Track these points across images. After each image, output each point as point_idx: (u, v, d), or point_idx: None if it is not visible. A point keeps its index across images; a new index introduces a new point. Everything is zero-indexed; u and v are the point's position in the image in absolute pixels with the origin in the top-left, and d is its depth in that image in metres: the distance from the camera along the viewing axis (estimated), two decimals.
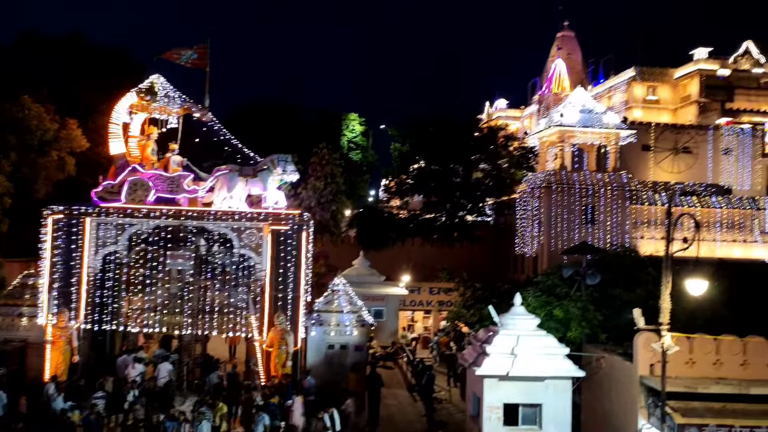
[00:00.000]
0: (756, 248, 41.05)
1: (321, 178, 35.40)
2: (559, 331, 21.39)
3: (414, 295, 37.34)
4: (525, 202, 42.11)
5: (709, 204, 41.54)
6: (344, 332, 23.96)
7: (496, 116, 72.67)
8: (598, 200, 39.41)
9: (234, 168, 23.37)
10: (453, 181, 44.48)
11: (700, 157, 47.47)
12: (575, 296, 23.01)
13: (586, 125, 39.94)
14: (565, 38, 67.00)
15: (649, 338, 16.84)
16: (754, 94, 55.24)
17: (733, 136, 47.90)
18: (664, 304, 15.87)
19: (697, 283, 15.91)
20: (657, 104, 57.54)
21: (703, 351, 17.35)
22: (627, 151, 43.94)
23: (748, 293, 22.38)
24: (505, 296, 24.46)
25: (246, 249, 22.68)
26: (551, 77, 65.40)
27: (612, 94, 60.51)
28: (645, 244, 38.66)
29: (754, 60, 55.60)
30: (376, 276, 34.78)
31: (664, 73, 58.21)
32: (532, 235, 40.96)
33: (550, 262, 36.52)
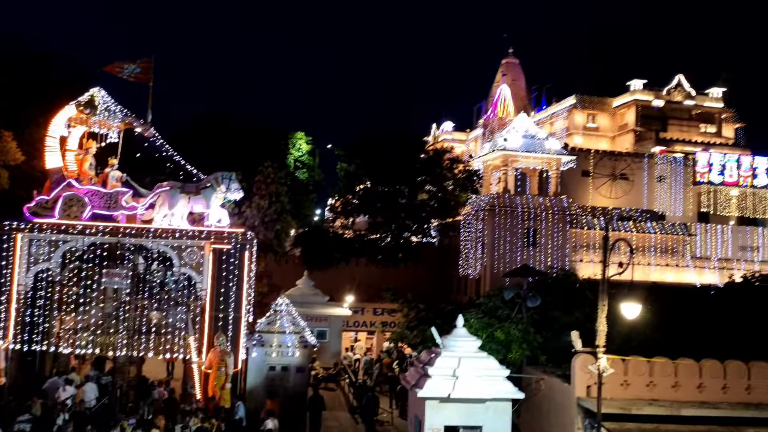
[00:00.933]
0: (687, 273, 42.66)
1: (266, 196, 35.05)
2: (500, 353, 21.63)
3: (358, 316, 37.20)
4: (469, 224, 42.68)
5: (644, 229, 43.02)
6: (286, 353, 23.61)
7: (442, 139, 73.66)
8: (539, 224, 40.28)
9: (176, 185, 22.90)
10: (398, 202, 44.76)
11: (636, 184, 49.19)
12: (516, 318, 23.34)
13: (529, 150, 40.91)
14: (509, 65, 68.71)
15: (586, 360, 17.18)
16: (686, 124, 57.83)
17: (667, 165, 49.86)
18: (601, 326, 16.24)
19: (631, 306, 16.34)
20: (596, 132, 59.50)
21: (637, 373, 17.81)
22: (568, 176, 45.20)
23: (680, 316, 23.14)
24: (448, 317, 24.57)
25: (186, 268, 22.18)
26: (496, 102, 66.85)
27: (554, 121, 62.29)
28: (584, 267, 39.68)
29: (685, 92, 58.26)
30: (320, 296, 34.53)
31: (603, 102, 60.37)
32: (476, 256, 41.49)
33: (493, 283, 37.02)
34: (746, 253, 45.47)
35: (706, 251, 44.97)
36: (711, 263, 44.28)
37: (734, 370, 18.06)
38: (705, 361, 18.12)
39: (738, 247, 45.79)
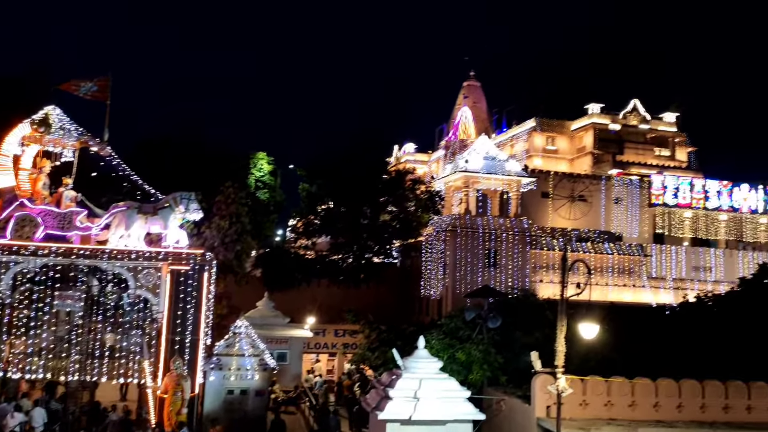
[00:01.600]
0: (644, 293, 43.51)
1: (226, 217, 34.58)
2: (461, 374, 21.67)
3: (319, 338, 36.86)
4: (431, 245, 42.84)
5: (602, 250, 43.79)
6: (245, 377, 23.21)
7: (404, 160, 74.08)
8: (500, 244, 40.66)
9: (133, 205, 22.45)
10: (360, 223, 44.69)
11: (594, 205, 50.14)
12: (477, 339, 23.45)
13: (490, 172, 41.39)
14: (471, 87, 69.73)
15: (545, 381, 17.30)
16: (641, 148, 59.41)
17: (623, 187, 50.99)
18: (559, 347, 16.40)
19: (589, 326, 16.56)
20: (556, 154, 60.65)
21: (596, 392, 18.01)
22: (528, 197, 45.84)
23: (636, 336, 23.54)
24: (410, 338, 24.56)
25: (142, 290, 21.67)
26: (458, 124, 67.66)
27: (514, 143, 63.28)
28: (544, 288, 40.13)
29: (641, 117, 59.95)
30: (281, 318, 34.11)
31: (562, 125, 61.64)
32: (437, 277, 41.61)
33: (455, 304, 37.14)
34: (699, 274, 46.63)
35: (662, 271, 45.99)
36: (666, 283, 45.26)
37: (689, 389, 18.41)
38: (661, 381, 18.44)
39: (692, 268, 46.95)
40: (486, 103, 69.64)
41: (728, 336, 22.56)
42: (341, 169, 44.55)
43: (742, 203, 51.18)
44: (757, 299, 25.09)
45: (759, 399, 18.65)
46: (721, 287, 38.77)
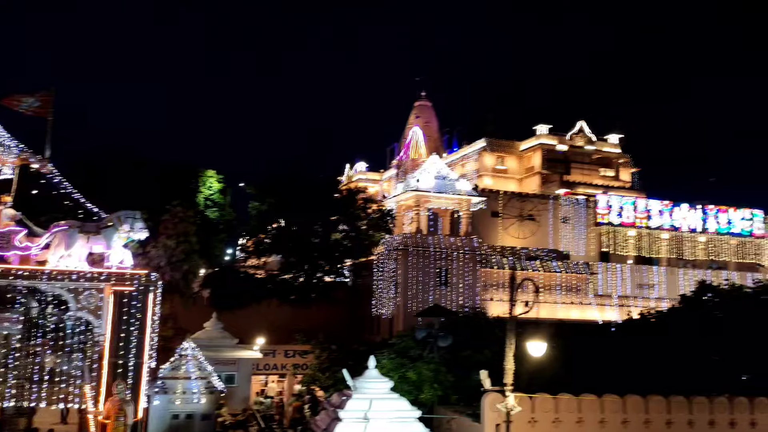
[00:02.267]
0: (590, 310, 44.40)
1: (173, 236, 33.81)
2: (412, 393, 21.59)
3: (269, 359, 36.25)
4: (382, 264, 42.84)
5: (550, 268, 44.56)
6: (191, 400, 22.63)
7: (356, 178, 74.18)
8: (451, 263, 40.94)
9: (74, 224, 21.74)
10: (312, 242, 44.37)
11: (542, 224, 51.06)
12: (428, 358, 23.45)
13: (441, 191, 41.76)
14: (422, 107, 70.51)
15: (494, 399, 17.40)
16: (587, 168, 60.99)
17: (571, 206, 52.13)
18: (508, 365, 16.54)
19: (537, 344, 16.76)
20: (505, 173, 61.71)
21: (544, 410, 18.21)
22: (478, 216, 46.39)
23: (583, 353, 23.92)
24: (361, 358, 24.36)
25: (84, 311, 20.92)
26: (409, 143, 68.22)
27: (465, 162, 64.13)
28: (494, 306, 40.53)
29: (587, 138, 61.62)
30: (229, 339, 33.43)
31: (511, 146, 62.83)
32: (389, 296, 41.58)
33: (406, 323, 37.14)
34: (643, 291, 47.87)
35: (608, 289, 47.03)
36: (612, 300, 46.31)
37: (633, 404, 18.79)
38: (606, 397, 18.76)
39: (636, 285, 48.18)
40: (437, 122, 70.50)
41: (670, 351, 23.15)
42: (292, 187, 44.25)
43: (682, 222, 52.93)
44: (696, 315, 25.85)
45: (699, 413, 19.17)
46: (664, 304, 39.78)
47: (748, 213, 54.51)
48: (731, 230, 53.89)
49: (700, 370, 22.83)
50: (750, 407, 19.68)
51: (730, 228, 53.90)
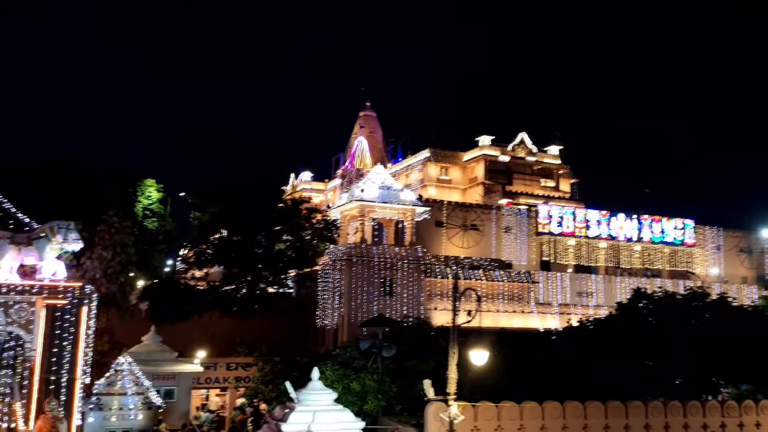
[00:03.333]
0: (532, 318, 45.20)
1: (109, 247, 32.76)
2: (356, 404, 21.48)
3: (210, 372, 35.44)
4: (326, 274, 42.59)
5: (493, 277, 45.19)
6: (127, 417, 21.92)
7: (300, 188, 73.77)
8: (395, 273, 41.03)
9: (4, 235, 20.85)
10: (255, 252, 43.74)
11: (485, 234, 51.79)
12: (372, 369, 23.38)
13: (385, 201, 41.87)
14: (367, 117, 70.78)
15: (438, 408, 17.45)
16: (528, 179, 62.35)
17: (513, 216, 53.06)
18: (451, 374, 16.63)
19: (479, 353, 16.91)
20: (449, 184, 62.45)
21: (486, 418, 18.36)
22: (422, 226, 46.68)
23: (525, 360, 24.30)
24: (305, 370, 24.12)
25: (14, 326, 20.04)
26: (354, 153, 68.33)
27: (409, 173, 64.62)
28: (438, 315, 40.77)
29: (528, 149, 63.02)
30: (168, 352, 32.54)
31: (455, 156, 63.67)
32: (333, 307, 41.34)
33: (350, 334, 36.97)
34: (582, 299, 49.07)
35: (548, 297, 48.00)
36: (552, 308, 47.27)
37: (572, 410, 19.15)
38: (547, 404, 19.07)
39: (575, 293, 49.33)
40: (382, 132, 70.87)
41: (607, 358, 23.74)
42: (235, 197, 43.57)
43: (618, 232, 54.61)
44: (632, 322, 26.62)
45: (635, 417, 19.70)
46: (602, 311, 40.83)
47: (680, 223, 56.69)
48: (665, 239, 55.92)
49: (635, 375, 23.50)
50: (683, 411, 20.34)
51: (664, 237, 55.93)
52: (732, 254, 59.74)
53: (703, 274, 56.12)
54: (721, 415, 20.68)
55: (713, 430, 20.51)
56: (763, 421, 21.08)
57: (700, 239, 58.12)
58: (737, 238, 60.21)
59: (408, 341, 26.81)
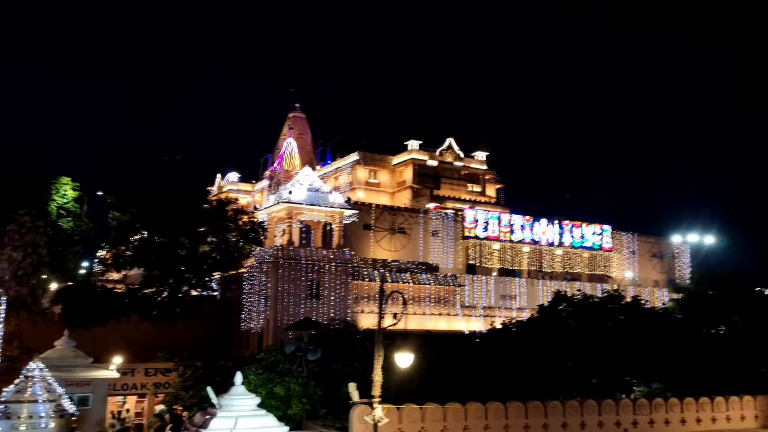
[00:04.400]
0: (457, 321, 45.87)
1: (20, 248, 31.03)
2: (280, 409, 21.16)
3: (127, 378, 34.14)
4: (252, 277, 41.87)
5: (420, 280, 45.61)
6: (38, 425, 20.77)
7: (227, 189, 72.33)
8: (323, 276, 40.77)
9: None
10: (177, 254, 42.43)
11: (413, 237, 52.26)
12: (297, 372, 23.10)
13: (313, 203, 41.57)
14: (296, 119, 70.21)
15: (362, 411, 17.39)
16: (456, 183, 63.37)
17: (440, 220, 53.79)
18: (376, 377, 16.61)
19: (404, 356, 16.96)
20: (378, 187, 62.68)
21: (410, 420, 18.44)
22: (350, 229, 46.64)
23: (450, 362, 24.62)
24: (228, 375, 23.58)
25: None
26: (282, 155, 67.59)
27: (338, 175, 64.47)
28: (365, 318, 40.79)
29: (455, 154, 64.05)
30: (83, 358, 31.07)
31: (384, 160, 63.98)
32: (259, 310, 40.68)
33: (276, 337, 36.47)
34: (506, 301, 50.20)
35: (473, 300, 48.87)
36: (477, 311, 48.13)
37: (494, 411, 19.50)
38: (470, 405, 19.33)
39: (499, 296, 50.43)
40: (311, 134, 70.46)
41: (529, 359, 24.36)
42: (157, 197, 42.14)
43: (541, 236, 56.25)
44: (552, 324, 27.43)
45: (553, 417, 20.25)
46: (524, 314, 41.87)
47: (599, 228, 58.94)
48: (584, 244, 58.00)
49: (555, 375, 24.21)
50: (598, 409, 21.06)
51: (583, 242, 58.00)
52: (645, 259, 62.63)
53: (619, 278, 58.50)
54: (633, 413, 21.54)
55: (626, 427, 21.32)
56: (672, 418, 22.10)
57: (617, 244, 60.60)
58: (650, 244, 63.17)
59: (334, 344, 26.67)
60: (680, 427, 22.04)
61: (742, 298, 33.60)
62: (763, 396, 24.05)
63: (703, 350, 27.00)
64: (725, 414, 22.98)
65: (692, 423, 22.30)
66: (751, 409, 23.53)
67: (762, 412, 23.65)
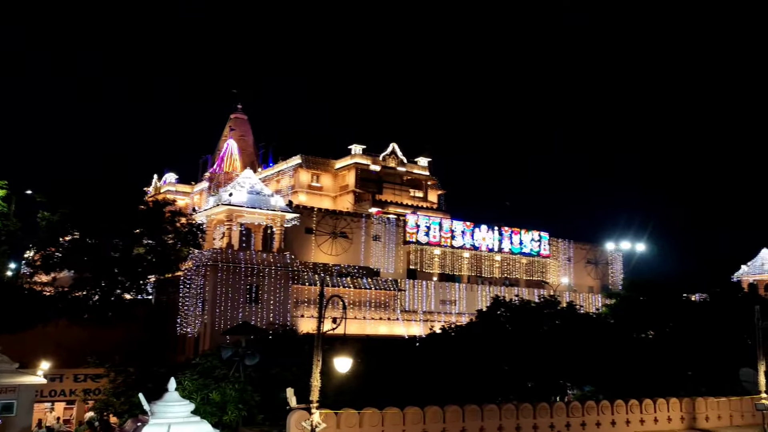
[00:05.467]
0: (397, 325, 46.02)
1: None
2: (215, 415, 20.75)
3: (55, 384, 32.76)
4: (190, 280, 40.93)
5: (361, 285, 45.55)
6: None
7: (165, 190, 70.68)
8: (262, 279, 40.21)
9: None
10: (110, 256, 41.04)
11: (354, 242, 52.24)
12: (234, 378, 22.68)
13: (254, 206, 40.97)
14: (238, 120, 69.27)
15: (300, 417, 17.20)
16: (398, 188, 63.75)
17: (382, 225, 53.97)
18: (314, 381, 16.46)
19: (343, 360, 16.87)
20: (320, 191, 62.46)
21: (348, 425, 18.34)
22: (292, 232, 46.23)
23: (390, 367, 24.64)
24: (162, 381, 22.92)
25: None
26: (223, 156, 66.53)
27: (280, 178, 63.91)
28: (305, 323, 40.43)
29: (398, 159, 64.44)
30: (7, 363, 29.54)
31: (326, 163, 63.82)
32: (196, 314, 39.78)
33: (213, 342, 35.73)
34: (446, 306, 50.70)
35: (414, 305, 49.14)
36: (417, 316, 48.41)
37: (432, 415, 19.61)
38: (408, 409, 19.39)
39: (439, 301, 50.88)
40: (253, 136, 69.63)
41: (467, 363, 24.63)
42: (89, 196, 40.65)
43: (481, 242, 57.12)
44: (490, 329, 27.83)
45: (489, 420, 20.51)
46: (464, 318, 42.36)
47: (537, 235, 60.28)
48: (522, 250, 59.21)
49: (492, 379, 24.57)
50: (533, 412, 21.45)
51: (522, 248, 59.21)
52: (581, 265, 64.43)
53: (555, 283, 59.96)
54: (566, 416, 22.04)
55: (559, 429, 21.79)
56: (603, 420, 22.72)
57: (554, 251, 62.12)
58: (585, 250, 65.03)
59: (273, 349, 26.33)
60: (610, 429, 22.69)
61: (670, 303, 34.90)
62: (689, 398, 25.01)
63: (634, 354, 27.90)
64: (653, 416, 23.77)
65: (622, 425, 22.98)
66: (678, 411, 24.43)
67: (687, 414, 24.59)
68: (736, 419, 25.41)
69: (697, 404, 24.88)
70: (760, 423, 23.27)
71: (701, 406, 24.93)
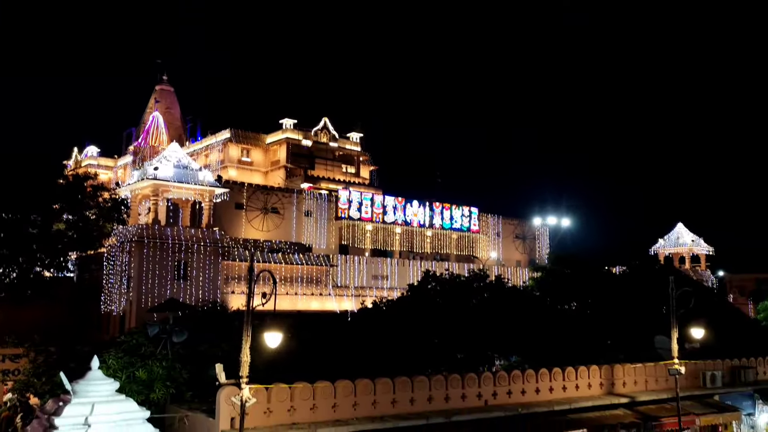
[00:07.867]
0: (329, 301, 46.12)
1: None
2: (142, 393, 20.32)
3: None
4: (114, 257, 39.67)
5: (292, 261, 45.30)
6: None
7: (86, 164, 67.94)
8: (191, 256, 39.39)
9: None
10: (28, 232, 39.21)
11: (286, 218, 51.79)
12: (161, 355, 22.22)
13: (181, 181, 39.93)
14: (163, 92, 67.02)
15: (230, 392, 17.07)
16: (330, 164, 63.46)
17: (314, 200, 53.68)
18: (244, 357, 16.34)
19: (273, 335, 16.80)
20: (251, 166, 61.41)
21: (279, 399, 18.33)
22: (221, 208, 45.38)
23: (321, 342, 24.70)
24: (84, 359, 22.23)
25: None
26: (148, 129, 64.40)
27: (209, 153, 62.45)
28: (235, 299, 39.93)
29: (330, 134, 64.05)
30: None
31: (257, 138, 62.74)
32: (121, 291, 38.65)
33: (139, 320, 34.87)
34: (378, 281, 51.10)
35: (346, 280, 49.32)
36: (349, 291, 48.64)
37: (362, 388, 19.83)
38: (339, 382, 19.53)
39: (371, 276, 51.25)
40: (180, 109, 67.59)
41: (398, 336, 24.98)
42: (2, 169, 38.61)
43: (413, 218, 57.69)
44: (421, 302, 28.26)
45: (419, 391, 20.93)
46: (395, 293, 42.82)
47: (467, 210, 61.36)
48: (453, 225, 60.19)
49: (423, 351, 25.02)
50: (462, 383, 22.02)
51: (453, 224, 60.17)
52: (509, 240, 66.13)
53: (484, 258, 61.38)
54: (493, 385, 22.73)
55: (486, 398, 22.46)
56: (527, 388, 23.56)
57: (483, 226, 63.44)
58: (513, 226, 66.74)
59: (202, 325, 25.91)
60: (534, 396, 23.56)
61: (592, 276, 36.31)
62: (608, 365, 26.21)
63: (558, 325, 28.96)
64: (575, 383, 24.82)
65: (545, 392, 23.89)
66: (597, 378, 25.59)
67: (606, 380, 25.79)
68: (651, 384, 26.83)
69: (615, 371, 26.11)
70: (673, 387, 24.66)
71: (619, 373, 26.18)
